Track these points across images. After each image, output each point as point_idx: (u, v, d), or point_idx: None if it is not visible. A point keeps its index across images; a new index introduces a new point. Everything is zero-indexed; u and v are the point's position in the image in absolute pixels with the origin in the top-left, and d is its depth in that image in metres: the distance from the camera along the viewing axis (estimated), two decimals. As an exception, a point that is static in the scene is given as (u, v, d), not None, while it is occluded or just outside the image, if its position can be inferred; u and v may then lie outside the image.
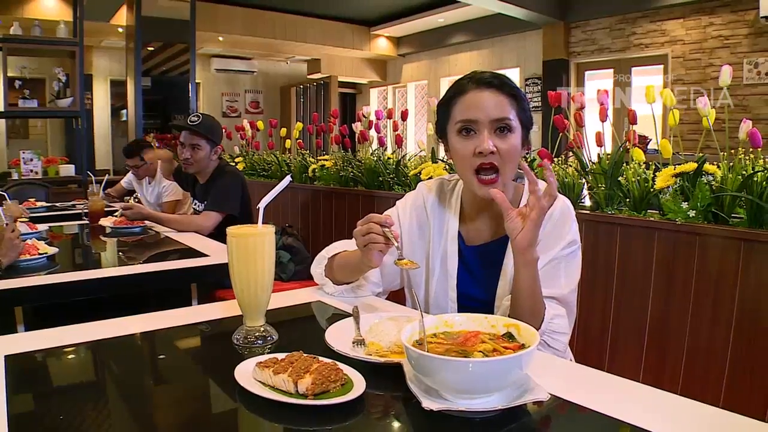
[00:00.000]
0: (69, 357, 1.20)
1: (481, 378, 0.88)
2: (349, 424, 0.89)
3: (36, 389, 1.04)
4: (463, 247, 1.48)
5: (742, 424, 0.86)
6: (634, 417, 0.87)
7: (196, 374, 1.18)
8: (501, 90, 1.34)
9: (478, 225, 1.47)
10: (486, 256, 1.45)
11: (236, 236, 1.19)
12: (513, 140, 1.33)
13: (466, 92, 1.36)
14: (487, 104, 1.32)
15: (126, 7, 7.29)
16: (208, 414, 0.99)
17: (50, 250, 2.20)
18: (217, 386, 1.08)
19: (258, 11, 10.16)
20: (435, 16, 10.61)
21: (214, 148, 3.07)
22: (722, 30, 7.77)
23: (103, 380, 1.14)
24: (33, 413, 0.96)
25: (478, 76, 1.37)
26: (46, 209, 4.08)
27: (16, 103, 6.06)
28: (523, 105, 1.36)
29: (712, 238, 2.01)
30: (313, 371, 0.93)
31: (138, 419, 0.95)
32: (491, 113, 1.32)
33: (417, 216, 1.55)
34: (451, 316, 1.07)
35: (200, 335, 1.36)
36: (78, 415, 0.93)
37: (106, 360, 1.21)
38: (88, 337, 1.25)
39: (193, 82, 7.15)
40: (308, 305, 1.52)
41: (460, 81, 1.40)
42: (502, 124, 1.32)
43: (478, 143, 1.32)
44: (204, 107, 12.08)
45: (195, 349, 1.34)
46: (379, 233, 1.26)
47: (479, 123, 1.32)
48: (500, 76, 1.37)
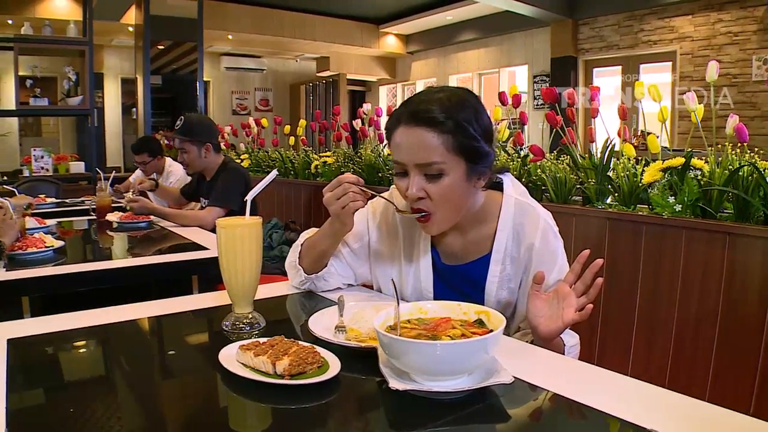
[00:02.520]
0: (69, 341, 1.26)
1: (447, 360, 0.92)
2: (323, 403, 0.94)
3: (36, 372, 1.11)
4: (438, 264, 1.41)
5: (727, 417, 0.86)
6: (589, 397, 0.91)
7: (186, 357, 1.25)
8: (435, 127, 1.19)
9: (451, 240, 1.40)
10: (464, 276, 1.39)
11: (224, 227, 1.25)
12: (446, 183, 1.21)
13: (397, 128, 1.24)
14: (413, 146, 1.21)
15: (135, 7, 7.39)
16: (193, 392, 1.05)
17: (56, 244, 2.27)
18: (204, 368, 1.15)
19: (267, 9, 10.24)
20: (443, 14, 10.64)
21: (203, 146, 3.14)
22: (731, 26, 7.74)
23: (100, 363, 1.21)
24: (33, 396, 1.02)
25: (410, 108, 1.23)
26: (56, 205, 4.16)
27: (27, 102, 6.17)
28: (468, 142, 1.20)
29: (697, 231, 2.05)
30: (291, 354, 0.99)
31: (130, 395, 1.02)
32: (416, 157, 1.21)
33: (386, 224, 1.49)
34: (425, 303, 1.12)
35: (192, 322, 1.42)
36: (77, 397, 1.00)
37: (104, 344, 1.28)
38: (88, 323, 1.31)
39: (201, 80, 7.24)
40: (299, 295, 1.58)
41: (398, 110, 1.27)
42: (430, 168, 1.21)
43: (408, 185, 1.24)
44: (214, 105, 12.19)
45: (186, 335, 1.40)
46: (357, 191, 1.27)
47: (407, 165, 1.23)
48: (442, 106, 1.20)
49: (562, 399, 0.93)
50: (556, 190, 2.57)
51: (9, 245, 2.07)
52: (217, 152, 3.23)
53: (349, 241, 1.50)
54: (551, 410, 0.96)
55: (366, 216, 1.51)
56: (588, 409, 0.89)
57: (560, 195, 2.58)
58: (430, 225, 1.28)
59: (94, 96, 6.45)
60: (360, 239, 1.51)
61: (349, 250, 1.52)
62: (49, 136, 9.78)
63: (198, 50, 7.18)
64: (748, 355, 1.95)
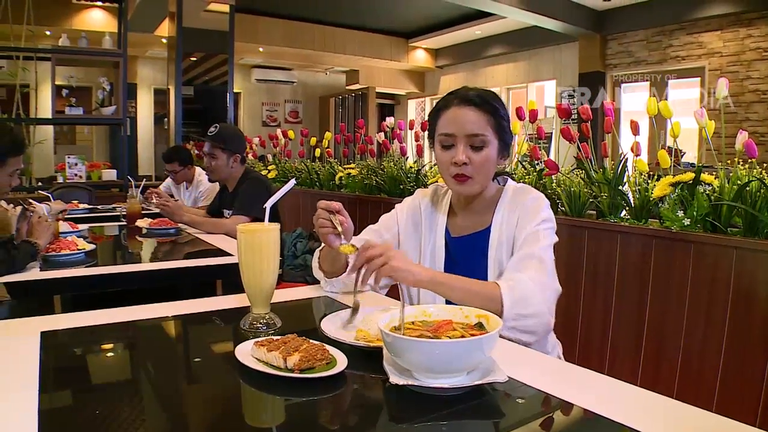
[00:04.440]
0: (98, 335, 1.36)
1: (446, 358, 0.99)
2: (330, 396, 1.02)
3: (67, 363, 1.22)
4: (449, 239, 1.64)
5: (734, 429, 0.87)
6: (579, 398, 0.97)
7: (206, 352, 1.34)
8: (480, 107, 1.50)
9: (463, 219, 1.64)
10: (469, 246, 1.60)
11: (245, 232, 1.34)
12: (486, 153, 1.50)
13: (449, 108, 1.53)
14: (465, 121, 1.50)
15: (168, 20, 7.59)
16: (212, 383, 1.14)
17: (88, 247, 2.38)
18: (222, 362, 1.24)
19: (298, 23, 10.42)
20: (472, 29, 10.73)
21: (232, 156, 3.23)
22: (761, 42, 7.69)
23: (126, 354, 1.31)
24: (64, 385, 1.11)
25: (462, 93, 1.53)
26: (88, 211, 4.28)
27: (63, 111, 6.39)
28: (501, 122, 1.52)
29: (706, 246, 2.08)
30: (302, 350, 1.06)
31: (154, 386, 1.11)
32: (467, 129, 1.49)
33: (412, 216, 1.72)
34: (429, 306, 1.18)
35: (213, 321, 1.51)
36: (106, 387, 1.09)
37: (131, 339, 1.39)
38: (117, 319, 1.42)
39: (231, 91, 7.39)
40: (316, 299, 1.66)
41: (447, 96, 1.56)
42: (476, 140, 1.49)
43: (454, 154, 1.50)
44: (245, 116, 12.40)
45: (207, 332, 1.49)
46: (324, 218, 1.43)
47: (456, 137, 1.50)
48: (483, 94, 1.52)
49: (553, 399, 0.99)
50: (570, 204, 2.61)
51: (44, 247, 2.18)
52: (242, 164, 3.33)
53: (382, 232, 1.71)
54: (543, 409, 1.01)
55: (395, 212, 1.75)
56: (577, 409, 0.95)
57: (574, 209, 2.63)
58: (469, 185, 1.53)
59: (127, 106, 6.63)
60: (390, 229, 1.72)
61: (381, 241, 1.67)
62: (83, 144, 10.05)
63: (229, 62, 7.34)
64: (755, 368, 1.97)
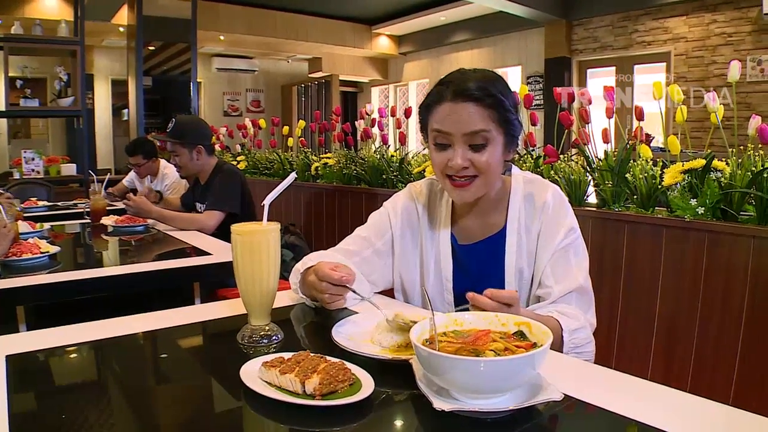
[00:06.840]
0: (71, 356, 1.18)
1: (493, 377, 0.85)
2: (357, 426, 0.86)
3: (37, 389, 1.02)
4: (456, 246, 1.45)
5: (752, 422, 0.84)
6: (644, 415, 0.85)
7: (200, 374, 1.16)
8: (481, 102, 1.27)
9: (469, 223, 1.44)
10: (482, 254, 1.42)
11: (241, 234, 1.17)
12: (489, 153, 1.29)
13: (443, 102, 1.30)
14: (461, 118, 1.27)
15: (127, 7, 7.30)
16: (212, 414, 0.96)
17: (52, 249, 2.19)
18: (221, 386, 1.06)
19: (259, 10, 10.15)
20: (436, 15, 10.59)
21: (194, 149, 3.05)
22: (725, 27, 7.74)
23: (106, 380, 1.12)
24: (34, 413, 0.93)
25: (458, 84, 1.29)
26: (48, 208, 4.06)
27: (17, 103, 6.05)
28: (506, 114, 1.29)
29: (721, 235, 1.99)
30: (320, 371, 0.91)
31: (141, 419, 0.93)
32: (465, 127, 1.27)
33: (408, 220, 1.52)
34: (460, 314, 1.04)
35: (204, 334, 1.34)
36: (80, 415, 0.91)
37: (109, 360, 1.19)
38: (89, 336, 1.23)
39: (194, 81, 7.15)
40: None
41: (440, 87, 1.33)
42: (477, 137, 1.28)
43: (451, 157, 1.29)
44: (205, 106, 12.08)
45: (198, 349, 1.32)
46: (337, 293, 1.29)
47: (453, 136, 1.29)
48: (484, 83, 1.29)
49: (619, 419, 0.86)
50: (570, 192, 2.50)
51: (2, 254, 1.98)
52: (210, 154, 3.14)
53: (373, 240, 1.52)
54: (600, 428, 0.88)
55: (387, 214, 1.54)
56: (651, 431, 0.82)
57: (575, 197, 2.52)
58: (470, 191, 1.33)
59: (85, 97, 6.34)
60: (382, 236, 1.52)
61: (373, 251, 1.51)
62: (38, 138, 9.64)
63: (191, 51, 7.08)
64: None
